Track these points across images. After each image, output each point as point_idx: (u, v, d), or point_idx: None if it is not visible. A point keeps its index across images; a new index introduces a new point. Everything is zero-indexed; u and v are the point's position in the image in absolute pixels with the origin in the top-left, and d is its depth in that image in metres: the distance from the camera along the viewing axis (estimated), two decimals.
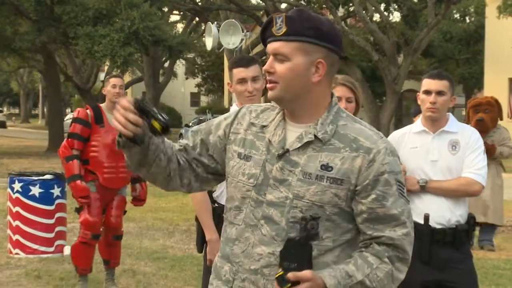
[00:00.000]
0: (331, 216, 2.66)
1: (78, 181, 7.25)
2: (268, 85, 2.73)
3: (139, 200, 7.91)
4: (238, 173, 2.79)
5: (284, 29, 2.68)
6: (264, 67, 2.73)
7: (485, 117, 9.73)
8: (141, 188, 7.85)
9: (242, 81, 4.74)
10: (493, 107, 9.94)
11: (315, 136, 2.68)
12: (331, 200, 2.65)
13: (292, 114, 2.76)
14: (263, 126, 2.79)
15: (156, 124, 2.62)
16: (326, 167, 2.65)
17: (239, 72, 4.75)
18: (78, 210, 7.52)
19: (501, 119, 10.09)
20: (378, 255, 2.65)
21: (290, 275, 2.56)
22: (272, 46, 2.71)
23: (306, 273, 2.57)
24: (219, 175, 2.93)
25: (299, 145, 2.69)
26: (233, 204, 2.81)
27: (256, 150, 2.76)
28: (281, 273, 2.57)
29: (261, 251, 2.69)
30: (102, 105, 7.57)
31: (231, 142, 2.84)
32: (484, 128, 9.49)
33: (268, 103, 2.90)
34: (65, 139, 7.52)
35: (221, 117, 2.96)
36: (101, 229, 7.61)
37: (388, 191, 2.65)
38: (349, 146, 2.66)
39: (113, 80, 7.52)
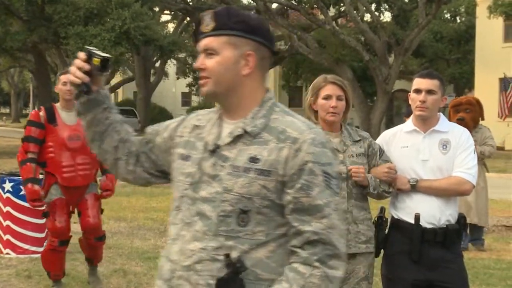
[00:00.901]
0: (261, 209, 2.65)
1: (29, 184, 7.10)
2: (200, 82, 2.77)
3: (104, 190, 7.55)
4: (178, 174, 2.83)
5: (212, 25, 2.73)
6: (195, 65, 2.77)
7: (466, 117, 9.71)
8: (106, 179, 7.50)
9: None
10: (474, 107, 9.91)
11: (244, 130, 2.70)
12: (260, 192, 2.64)
13: (227, 111, 2.80)
14: (203, 127, 2.84)
15: (96, 60, 2.85)
16: (253, 160, 2.66)
17: None
18: (45, 215, 7.38)
19: (483, 119, 10.06)
20: (307, 262, 2.60)
21: None
22: (201, 43, 2.76)
23: None
24: (166, 175, 3.00)
25: (230, 140, 2.72)
26: (174, 204, 2.85)
27: (195, 150, 2.80)
28: None
29: (193, 247, 2.70)
30: (57, 104, 7.39)
31: (176, 146, 2.89)
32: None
33: (216, 107, 2.92)
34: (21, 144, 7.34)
35: (172, 120, 3.03)
36: (70, 234, 7.45)
37: (313, 181, 2.62)
38: (277, 138, 2.66)
39: (63, 77, 7.23)
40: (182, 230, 2.75)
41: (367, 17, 36.65)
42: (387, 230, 4.93)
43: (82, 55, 2.86)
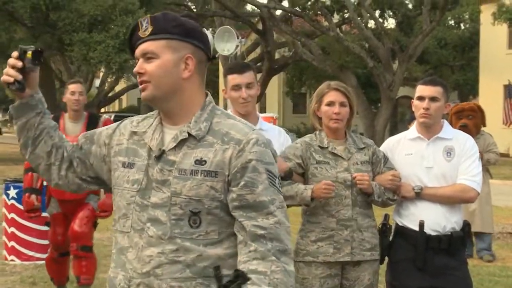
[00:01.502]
0: (211, 209, 2.70)
1: (26, 194, 7.00)
2: (140, 87, 2.78)
3: (102, 210, 7.15)
4: (122, 182, 2.83)
5: (150, 29, 2.74)
6: (134, 70, 2.78)
7: (468, 123, 9.65)
8: (106, 198, 7.08)
9: (236, 87, 4.76)
10: (476, 113, 9.84)
11: (189, 134, 2.73)
12: (208, 194, 2.69)
13: (167, 116, 2.81)
14: (143, 133, 2.84)
15: (29, 54, 2.82)
16: (200, 162, 2.70)
17: (234, 79, 4.77)
18: (48, 225, 7.33)
19: (484, 125, 10.01)
20: (264, 257, 2.62)
21: None
22: (140, 48, 2.76)
23: None
24: (100, 181, 3.00)
25: (174, 144, 2.74)
26: (120, 213, 2.84)
27: (138, 157, 2.80)
28: None
29: (150, 252, 2.72)
30: (66, 114, 7.15)
31: (116, 154, 2.88)
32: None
33: (151, 112, 2.94)
34: None
35: (105, 127, 3.01)
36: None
37: (257, 178, 2.68)
38: (221, 140, 2.71)
39: (72, 87, 7.08)
40: (134, 238, 2.76)
41: (371, 23, 36.65)
42: (391, 237, 4.93)
43: (15, 53, 2.84)
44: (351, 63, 35.61)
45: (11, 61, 2.82)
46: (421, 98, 4.82)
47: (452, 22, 46.12)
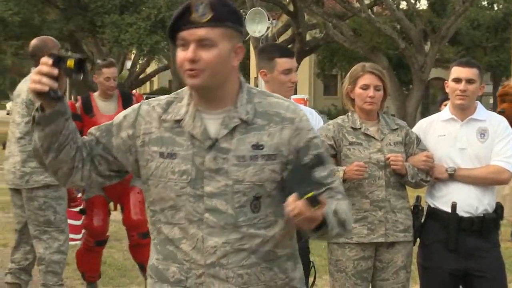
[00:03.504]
0: (271, 192, 2.71)
1: None
2: (190, 73, 2.65)
3: None
4: (166, 173, 2.73)
5: (210, 15, 2.61)
6: (187, 56, 2.63)
7: (507, 109, 9.45)
8: None
9: (287, 71, 4.77)
10: None
11: (241, 119, 2.70)
12: (270, 177, 2.70)
13: (209, 102, 2.73)
14: (178, 121, 2.74)
15: (70, 62, 2.61)
16: (257, 146, 2.69)
17: (285, 62, 4.78)
18: (82, 212, 7.08)
19: None
20: (331, 196, 2.76)
21: (322, 198, 2.53)
22: (196, 33, 2.62)
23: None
24: (122, 174, 2.90)
25: (227, 131, 2.69)
26: (166, 204, 2.75)
27: (179, 146, 2.71)
28: (312, 193, 2.50)
29: (214, 243, 2.69)
30: (95, 94, 6.91)
31: (146, 144, 2.76)
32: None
33: (169, 95, 2.84)
34: None
35: (121, 116, 2.86)
36: (108, 235, 7.12)
37: (321, 154, 2.80)
38: (273, 121, 2.72)
39: (107, 72, 6.83)
40: (190, 229, 2.71)
41: (403, 4, 36.42)
42: (423, 219, 4.93)
43: (48, 60, 2.60)
44: (383, 44, 35.40)
45: (44, 68, 2.59)
46: (457, 80, 4.78)
47: (485, 3, 45.74)
